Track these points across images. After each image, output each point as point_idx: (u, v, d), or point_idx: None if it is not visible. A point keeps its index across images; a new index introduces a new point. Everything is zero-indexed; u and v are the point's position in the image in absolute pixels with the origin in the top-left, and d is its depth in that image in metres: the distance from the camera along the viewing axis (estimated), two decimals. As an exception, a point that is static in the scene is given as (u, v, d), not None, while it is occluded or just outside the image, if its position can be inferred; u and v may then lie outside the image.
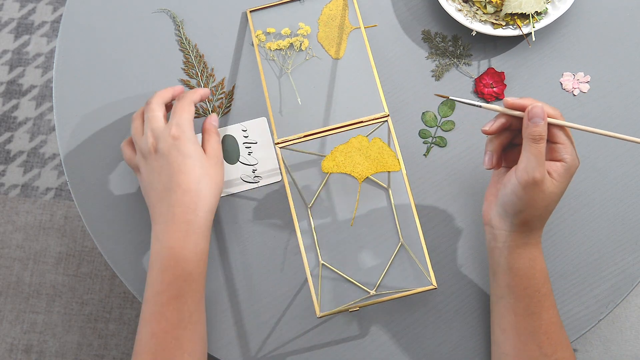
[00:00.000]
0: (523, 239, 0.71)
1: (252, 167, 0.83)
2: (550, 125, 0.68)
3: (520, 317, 0.72)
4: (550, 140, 0.69)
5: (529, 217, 0.70)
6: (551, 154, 0.69)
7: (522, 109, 0.69)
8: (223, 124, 0.85)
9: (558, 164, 0.68)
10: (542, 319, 0.71)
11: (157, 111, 0.75)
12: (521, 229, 0.71)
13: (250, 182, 0.83)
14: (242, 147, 0.84)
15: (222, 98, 0.83)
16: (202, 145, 0.77)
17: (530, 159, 0.67)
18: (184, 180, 0.72)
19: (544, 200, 0.68)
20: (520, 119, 0.69)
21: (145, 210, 0.83)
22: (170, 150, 0.73)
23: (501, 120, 0.70)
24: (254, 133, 0.84)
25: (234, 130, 0.84)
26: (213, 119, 0.80)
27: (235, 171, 0.84)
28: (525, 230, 0.71)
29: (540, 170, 0.67)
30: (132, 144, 0.79)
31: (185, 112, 0.75)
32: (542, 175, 0.67)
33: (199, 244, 0.73)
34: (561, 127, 0.69)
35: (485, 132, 0.70)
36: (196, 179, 0.73)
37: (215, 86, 0.84)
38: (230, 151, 0.84)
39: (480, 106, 0.69)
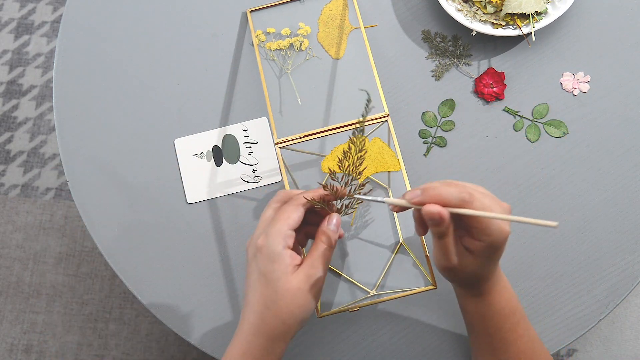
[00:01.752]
0: (469, 292, 0.68)
1: (252, 167, 0.83)
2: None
3: (485, 353, 0.71)
4: (466, 223, 0.62)
5: (466, 285, 0.67)
6: (471, 233, 0.62)
7: (423, 204, 0.61)
8: (224, 123, 0.85)
9: (478, 243, 0.62)
10: (509, 352, 0.69)
11: (269, 210, 0.68)
12: (466, 289, 0.68)
13: (250, 182, 0.83)
14: (242, 147, 0.84)
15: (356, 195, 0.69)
16: (306, 257, 0.66)
17: (437, 251, 0.63)
18: (253, 300, 0.66)
19: (469, 277, 0.65)
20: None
21: (145, 210, 0.83)
22: (252, 259, 0.67)
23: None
24: (254, 133, 0.84)
25: (234, 129, 0.84)
26: (334, 222, 0.68)
27: (236, 171, 0.84)
28: (470, 289, 0.68)
29: (450, 259, 0.63)
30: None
31: (281, 221, 0.65)
32: (454, 262, 0.63)
33: None
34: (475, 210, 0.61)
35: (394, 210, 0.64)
36: (264, 301, 0.65)
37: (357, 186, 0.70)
38: (230, 151, 0.84)
39: (383, 201, 0.64)
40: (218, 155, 0.84)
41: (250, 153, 0.84)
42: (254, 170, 0.84)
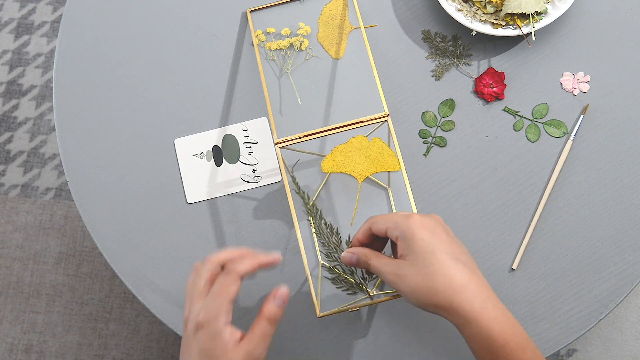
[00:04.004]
0: (457, 319, 0.62)
1: (252, 167, 0.83)
2: (372, 230, 0.68)
3: None
4: (390, 238, 0.66)
5: (430, 299, 0.62)
6: (394, 242, 0.66)
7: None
8: (224, 123, 0.85)
9: (399, 244, 0.64)
10: None
11: (202, 280, 0.65)
12: (446, 313, 0.63)
13: (250, 182, 0.83)
14: (242, 147, 0.84)
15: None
16: (249, 329, 0.65)
17: (381, 278, 0.66)
18: None
19: (417, 278, 0.62)
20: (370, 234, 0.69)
21: (145, 210, 0.83)
22: (193, 338, 0.64)
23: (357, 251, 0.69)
24: (254, 133, 0.84)
25: (234, 129, 0.84)
26: (280, 295, 0.66)
27: (236, 171, 0.84)
28: (448, 311, 0.62)
29: (387, 272, 0.64)
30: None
31: (221, 295, 0.63)
32: (390, 272, 0.64)
33: None
34: (376, 222, 0.67)
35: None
36: None
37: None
38: (230, 151, 0.84)
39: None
40: (218, 155, 0.84)
41: (250, 153, 0.84)
42: (254, 170, 0.84)
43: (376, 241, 0.70)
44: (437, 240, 0.64)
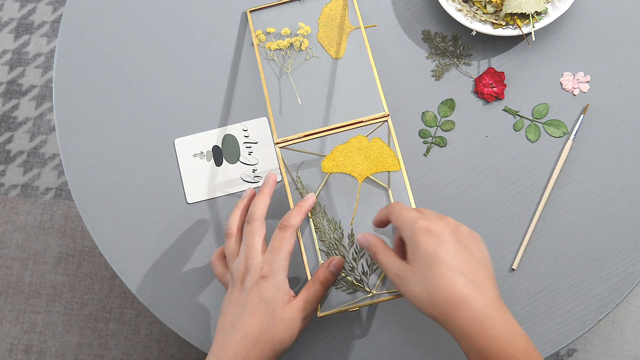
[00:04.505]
0: (452, 333, 0.61)
1: (252, 167, 0.83)
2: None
3: None
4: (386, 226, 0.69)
5: (427, 307, 0.62)
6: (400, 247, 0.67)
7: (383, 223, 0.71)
8: (223, 123, 0.85)
9: (407, 247, 0.64)
10: None
11: (258, 236, 0.71)
12: (444, 324, 0.62)
13: (250, 182, 0.83)
14: (242, 147, 0.84)
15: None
16: (302, 290, 0.71)
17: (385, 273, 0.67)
18: (248, 325, 0.68)
19: (416, 286, 0.62)
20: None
21: (145, 210, 0.84)
22: (253, 288, 0.69)
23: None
24: (254, 133, 0.84)
25: (234, 129, 0.84)
26: (334, 264, 0.73)
27: (236, 171, 0.84)
28: (446, 322, 0.61)
29: (390, 272, 0.65)
30: (223, 258, 0.76)
31: (283, 248, 0.70)
32: (393, 273, 0.64)
33: None
34: (392, 214, 0.68)
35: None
36: (260, 327, 0.68)
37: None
38: (230, 151, 0.84)
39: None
40: (218, 155, 0.84)
41: (250, 153, 0.84)
42: (253, 170, 0.84)
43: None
44: (441, 250, 0.62)
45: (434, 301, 0.61)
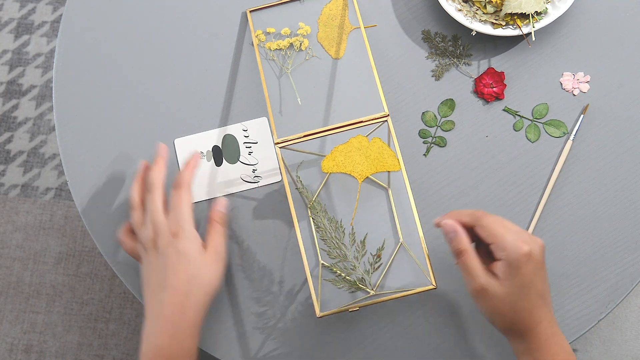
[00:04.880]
0: (522, 345, 0.68)
1: (252, 167, 0.83)
2: (472, 228, 0.69)
3: None
4: (484, 242, 0.68)
5: (504, 324, 0.68)
6: (493, 254, 0.68)
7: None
8: (223, 123, 0.85)
9: (499, 263, 0.66)
10: None
11: (158, 201, 0.75)
12: (512, 336, 0.69)
13: (250, 182, 0.83)
14: (242, 147, 0.84)
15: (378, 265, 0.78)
16: (206, 237, 0.76)
17: (463, 274, 0.68)
18: (175, 280, 0.72)
19: (503, 305, 0.66)
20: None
21: (145, 210, 0.84)
22: (167, 247, 0.73)
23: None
24: (254, 133, 0.84)
25: (234, 129, 0.84)
26: (220, 204, 0.79)
27: (236, 171, 0.84)
28: (516, 336, 0.68)
29: (476, 281, 0.67)
30: (130, 232, 0.78)
31: (183, 205, 0.74)
32: (480, 284, 0.66)
33: (186, 343, 0.71)
34: (485, 227, 0.67)
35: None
36: (187, 278, 0.72)
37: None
38: (230, 151, 0.84)
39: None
40: (218, 155, 0.84)
41: (250, 153, 0.84)
42: (253, 170, 0.84)
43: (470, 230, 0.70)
44: (537, 278, 0.67)
45: (516, 321, 0.67)
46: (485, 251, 0.69)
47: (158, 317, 0.71)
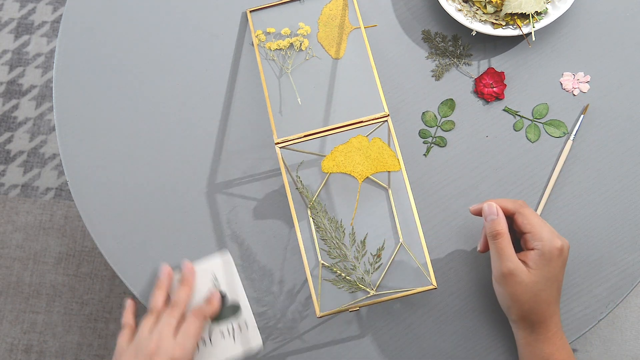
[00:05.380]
0: (531, 336, 0.73)
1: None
2: (513, 216, 0.72)
3: None
4: (520, 231, 0.72)
5: (521, 312, 0.71)
6: (526, 244, 0.72)
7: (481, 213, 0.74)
8: (223, 123, 0.85)
9: (532, 252, 0.71)
10: None
11: (175, 318, 0.76)
12: (523, 325, 0.72)
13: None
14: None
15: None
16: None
17: (494, 256, 0.71)
18: None
19: (527, 292, 0.70)
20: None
21: (145, 210, 0.84)
22: None
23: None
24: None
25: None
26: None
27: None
28: (527, 326, 0.72)
29: (506, 264, 0.70)
30: (131, 332, 0.79)
31: (196, 336, 0.75)
32: (509, 269, 0.70)
33: None
34: (526, 216, 0.72)
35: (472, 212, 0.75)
36: None
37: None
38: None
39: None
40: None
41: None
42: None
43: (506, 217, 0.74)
44: (560, 275, 0.72)
45: (534, 311, 0.71)
46: (514, 241, 0.73)
47: None
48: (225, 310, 0.79)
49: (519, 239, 0.75)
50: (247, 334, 0.79)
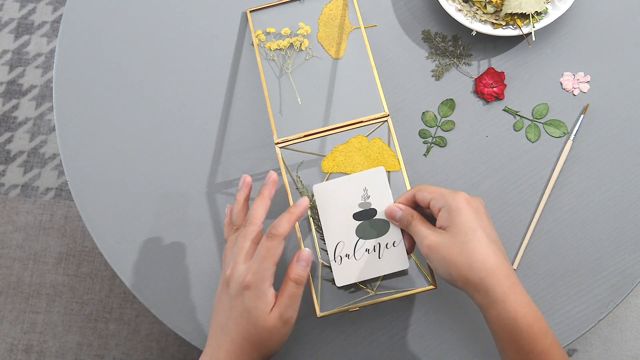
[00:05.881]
0: (483, 299, 0.66)
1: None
2: (417, 201, 0.71)
3: None
4: (427, 207, 0.71)
5: (460, 273, 0.66)
6: (435, 214, 0.69)
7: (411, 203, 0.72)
8: (223, 123, 0.85)
9: (440, 213, 0.68)
10: None
11: (249, 240, 0.70)
12: (471, 289, 0.66)
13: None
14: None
15: None
16: (278, 296, 0.70)
17: (416, 240, 0.70)
18: (235, 332, 0.69)
19: (452, 251, 0.66)
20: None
21: (145, 210, 0.84)
22: (237, 297, 0.69)
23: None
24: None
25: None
26: (302, 259, 0.71)
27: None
28: (474, 288, 0.66)
29: (424, 241, 0.68)
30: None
31: (269, 258, 0.69)
32: (428, 241, 0.67)
33: None
34: (423, 189, 0.70)
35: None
36: (245, 335, 0.69)
37: None
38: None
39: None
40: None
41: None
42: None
43: (416, 209, 0.72)
44: (480, 221, 0.67)
45: (472, 265, 0.65)
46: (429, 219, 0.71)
47: (212, 356, 0.69)
48: (374, 225, 0.75)
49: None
50: (393, 252, 0.74)
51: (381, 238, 0.74)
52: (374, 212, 0.74)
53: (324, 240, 0.78)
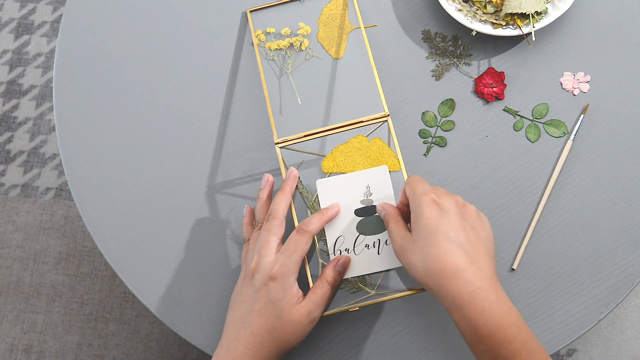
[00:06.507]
0: (444, 305, 0.64)
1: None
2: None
3: None
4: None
5: (420, 277, 0.65)
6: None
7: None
8: (223, 123, 0.85)
9: (411, 215, 0.67)
10: None
11: (274, 234, 0.71)
12: (434, 294, 0.65)
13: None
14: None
15: None
16: (309, 292, 0.71)
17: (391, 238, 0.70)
18: (257, 324, 0.69)
19: (414, 255, 0.65)
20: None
21: (145, 210, 0.84)
22: (262, 288, 0.69)
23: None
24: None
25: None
26: (341, 263, 0.73)
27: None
28: (436, 293, 0.64)
29: (395, 245, 0.67)
30: (252, 221, 0.78)
31: (297, 252, 0.70)
32: (397, 245, 0.67)
33: None
34: (407, 182, 0.69)
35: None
36: (268, 327, 0.69)
37: None
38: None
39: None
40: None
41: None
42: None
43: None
44: (443, 222, 0.64)
45: (430, 270, 0.63)
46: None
47: (229, 349, 0.69)
48: (374, 222, 0.75)
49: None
50: (392, 249, 0.73)
51: (381, 234, 0.74)
52: (375, 209, 0.75)
53: (323, 240, 0.78)
